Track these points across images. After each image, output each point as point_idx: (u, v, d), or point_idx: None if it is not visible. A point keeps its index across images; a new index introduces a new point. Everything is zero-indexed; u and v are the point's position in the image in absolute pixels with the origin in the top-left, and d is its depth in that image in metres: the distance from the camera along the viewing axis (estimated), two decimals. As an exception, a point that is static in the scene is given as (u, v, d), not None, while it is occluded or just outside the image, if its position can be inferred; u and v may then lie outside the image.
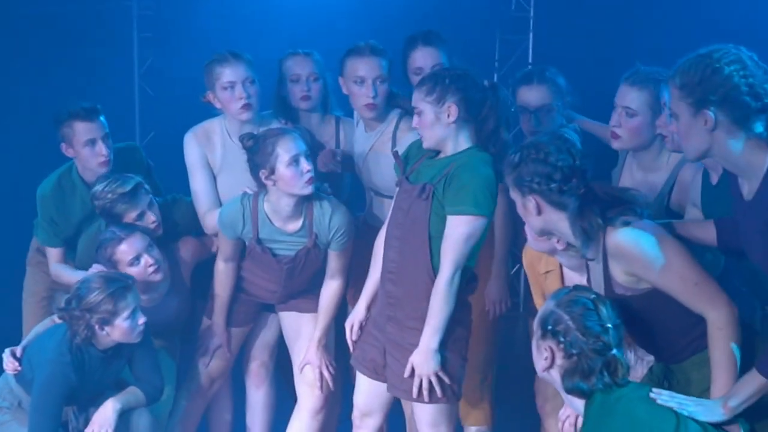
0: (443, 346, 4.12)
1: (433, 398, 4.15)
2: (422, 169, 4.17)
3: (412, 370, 4.13)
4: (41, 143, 5.07)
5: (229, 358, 5.03)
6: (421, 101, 4.10)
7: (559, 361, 3.46)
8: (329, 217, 4.63)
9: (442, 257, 4.06)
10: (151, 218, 4.76)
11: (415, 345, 4.12)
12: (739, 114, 3.26)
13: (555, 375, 3.48)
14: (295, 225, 4.65)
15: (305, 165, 4.52)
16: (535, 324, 3.54)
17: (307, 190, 4.53)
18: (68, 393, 4.36)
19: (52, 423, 4.33)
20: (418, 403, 4.20)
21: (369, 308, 4.40)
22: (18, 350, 4.54)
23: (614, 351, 3.41)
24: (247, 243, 4.72)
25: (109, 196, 4.70)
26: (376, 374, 4.33)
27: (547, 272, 4.32)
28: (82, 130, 4.82)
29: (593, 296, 3.47)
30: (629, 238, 3.47)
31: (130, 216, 4.73)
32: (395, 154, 4.37)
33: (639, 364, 4.21)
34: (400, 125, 4.82)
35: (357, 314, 4.42)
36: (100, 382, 4.51)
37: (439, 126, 4.09)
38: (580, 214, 3.52)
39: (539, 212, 3.60)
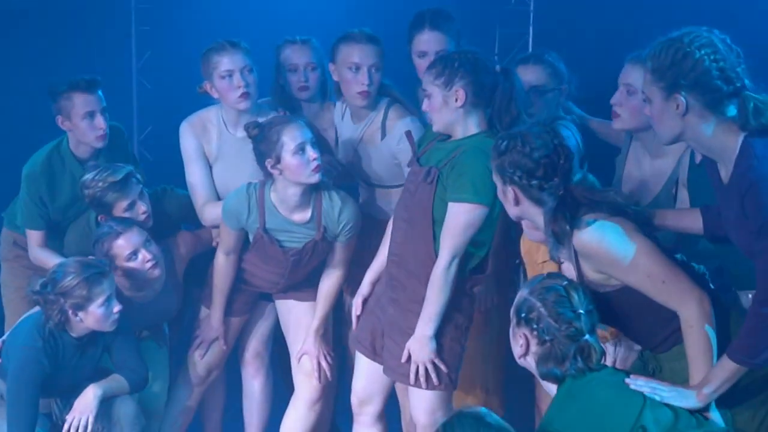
0: (441, 333, 4.13)
1: (429, 384, 4.15)
2: (432, 152, 4.18)
3: (409, 356, 4.14)
4: (38, 138, 5.03)
5: (226, 348, 5.02)
6: (430, 84, 4.11)
7: (533, 347, 3.50)
8: (339, 210, 4.61)
9: (441, 244, 4.07)
10: (141, 208, 4.73)
11: (414, 329, 4.12)
12: (711, 98, 3.26)
13: (530, 361, 3.52)
14: (303, 216, 4.63)
15: (312, 153, 4.49)
16: (511, 312, 3.58)
17: (314, 178, 4.51)
18: (42, 379, 4.36)
19: (28, 409, 4.32)
20: (415, 390, 4.21)
21: (374, 285, 4.41)
22: None
23: (587, 336, 3.45)
24: (252, 234, 4.69)
25: (100, 185, 4.68)
26: (374, 354, 4.33)
27: (545, 262, 4.31)
28: (81, 102, 4.78)
29: (565, 283, 3.50)
30: (593, 237, 3.48)
31: (121, 206, 4.70)
32: (408, 134, 4.39)
33: (630, 354, 4.21)
34: (389, 114, 4.80)
35: (362, 291, 4.43)
36: (76, 371, 4.50)
37: (447, 110, 4.09)
38: (553, 216, 3.53)
39: (517, 203, 3.63)
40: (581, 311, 3.45)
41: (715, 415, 3.41)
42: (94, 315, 4.37)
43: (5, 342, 4.52)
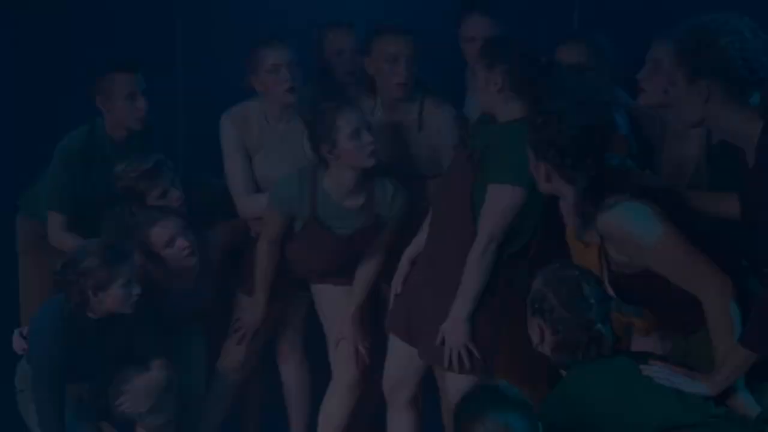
0: (476, 317, 4.11)
1: (464, 368, 4.12)
2: (477, 135, 4.19)
3: (443, 339, 4.14)
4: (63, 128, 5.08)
5: (266, 334, 5.03)
6: (477, 63, 4.17)
7: (547, 336, 3.52)
8: (392, 197, 4.65)
9: (479, 227, 4.07)
10: (175, 195, 4.77)
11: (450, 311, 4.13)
12: (734, 86, 3.25)
13: (546, 350, 3.55)
14: (356, 202, 4.65)
15: (367, 137, 4.52)
16: (528, 301, 3.60)
17: (371, 162, 4.55)
18: (63, 360, 4.38)
19: (52, 389, 4.37)
20: (450, 373, 4.20)
21: (412, 264, 4.41)
22: (26, 330, 4.59)
23: (599, 326, 3.46)
24: (302, 220, 4.71)
25: (132, 174, 4.73)
26: (409, 337, 4.30)
27: (589, 245, 4.26)
28: (124, 82, 4.83)
29: (578, 273, 3.52)
30: (614, 220, 3.48)
31: (154, 194, 4.74)
32: (456, 119, 4.51)
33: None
34: (425, 105, 4.80)
35: (402, 269, 4.44)
36: (99, 352, 4.52)
37: (487, 92, 4.14)
38: (582, 197, 3.53)
39: (548, 179, 3.63)
40: (593, 301, 3.48)
41: (744, 397, 3.37)
42: (113, 296, 4.38)
43: (29, 324, 4.57)
